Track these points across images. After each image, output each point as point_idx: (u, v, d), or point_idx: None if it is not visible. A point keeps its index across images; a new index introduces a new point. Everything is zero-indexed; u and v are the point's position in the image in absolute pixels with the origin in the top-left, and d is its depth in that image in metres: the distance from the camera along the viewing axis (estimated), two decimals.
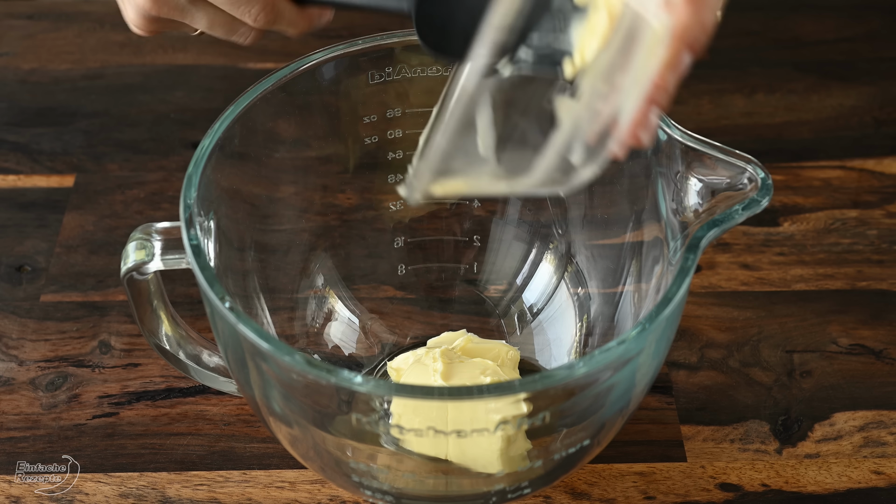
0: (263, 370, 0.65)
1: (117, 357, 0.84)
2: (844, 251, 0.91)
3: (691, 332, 0.86)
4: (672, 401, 0.82)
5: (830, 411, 0.81)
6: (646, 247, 0.75)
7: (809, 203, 0.95)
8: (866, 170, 0.97)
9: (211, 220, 0.71)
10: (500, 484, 0.70)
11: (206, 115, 0.75)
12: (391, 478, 0.71)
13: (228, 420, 0.81)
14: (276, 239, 0.81)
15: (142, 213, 0.94)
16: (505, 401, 0.65)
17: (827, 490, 0.77)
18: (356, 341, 0.83)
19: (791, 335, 0.86)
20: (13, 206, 0.95)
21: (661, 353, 0.69)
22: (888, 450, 0.79)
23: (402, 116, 0.79)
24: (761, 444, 0.79)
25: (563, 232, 0.83)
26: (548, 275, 0.83)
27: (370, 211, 0.84)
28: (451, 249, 0.85)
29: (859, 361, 0.84)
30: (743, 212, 0.67)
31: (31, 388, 0.83)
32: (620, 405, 0.69)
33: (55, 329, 0.86)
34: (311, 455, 0.71)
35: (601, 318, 0.80)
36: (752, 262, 0.90)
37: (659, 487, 0.77)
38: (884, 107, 1.03)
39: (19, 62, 1.07)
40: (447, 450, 0.71)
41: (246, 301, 0.76)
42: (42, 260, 0.91)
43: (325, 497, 0.77)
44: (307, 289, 0.82)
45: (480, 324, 0.84)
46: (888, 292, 0.88)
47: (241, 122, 0.72)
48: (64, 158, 0.98)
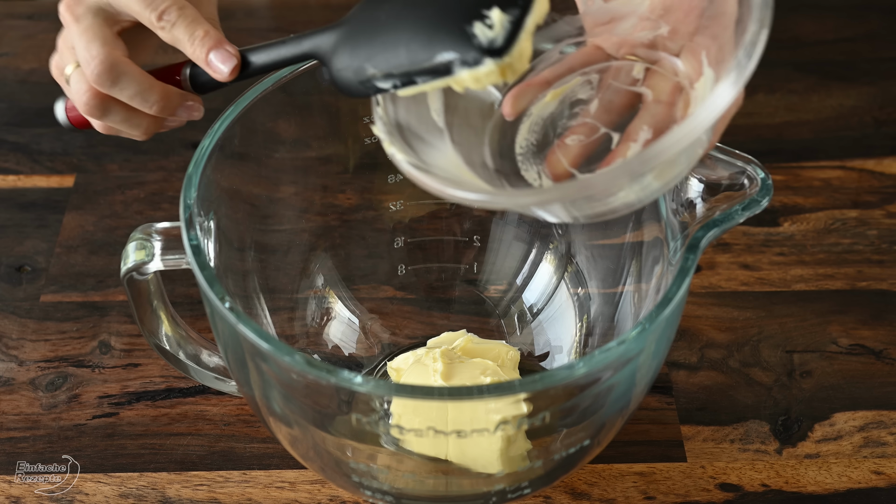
0: (263, 370, 0.65)
1: (117, 357, 0.84)
2: (844, 251, 0.91)
3: (691, 332, 0.86)
4: (672, 401, 0.82)
5: (830, 411, 0.81)
6: (646, 247, 0.75)
7: (809, 203, 0.94)
8: (866, 170, 0.97)
9: (211, 221, 0.71)
10: (500, 484, 0.70)
11: (206, 115, 0.74)
12: (391, 478, 0.71)
13: (228, 420, 0.81)
14: (276, 239, 0.81)
15: (142, 213, 0.94)
16: (505, 401, 0.65)
17: (827, 490, 0.77)
18: (356, 341, 0.83)
19: (791, 335, 0.86)
20: (13, 206, 0.95)
21: (661, 353, 0.69)
22: (888, 450, 0.79)
23: None
24: (761, 445, 0.79)
25: (563, 232, 0.83)
26: (548, 275, 0.83)
27: (370, 211, 0.84)
28: (451, 249, 0.85)
29: (859, 361, 0.84)
30: (743, 212, 0.67)
31: (31, 389, 0.83)
32: (620, 405, 0.69)
33: (55, 329, 0.86)
34: (311, 455, 0.71)
35: (601, 318, 0.80)
36: (752, 262, 0.90)
37: (659, 487, 0.77)
38: (884, 107, 1.03)
39: (19, 62, 1.07)
40: (447, 450, 0.71)
41: (246, 301, 0.76)
42: (42, 260, 0.91)
43: (325, 497, 0.77)
44: (307, 289, 0.82)
45: (480, 324, 0.84)
46: (888, 292, 0.88)
47: (241, 123, 0.72)
48: (64, 158, 0.98)
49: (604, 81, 0.67)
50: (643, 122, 0.64)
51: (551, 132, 0.67)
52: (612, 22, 0.68)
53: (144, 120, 0.71)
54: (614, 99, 0.66)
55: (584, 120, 0.66)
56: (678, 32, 0.66)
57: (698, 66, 0.64)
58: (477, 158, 0.66)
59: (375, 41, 0.63)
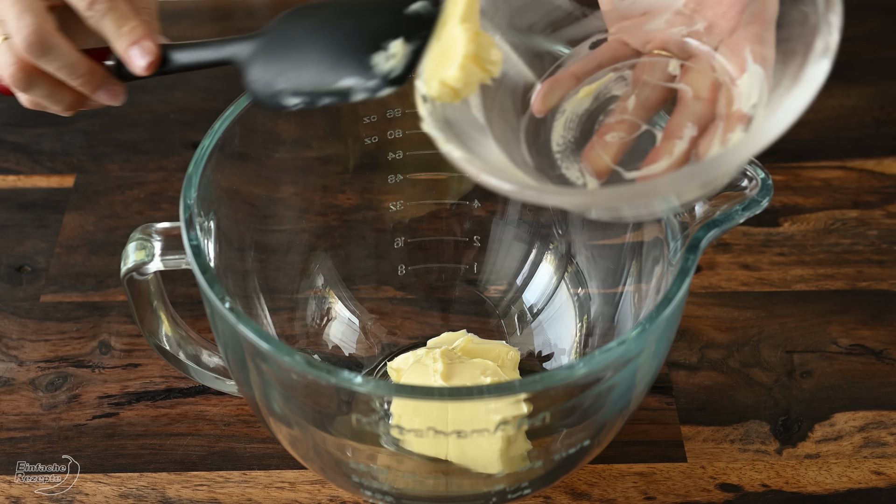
0: (263, 370, 0.65)
1: (117, 357, 0.84)
2: (844, 251, 0.91)
3: (691, 332, 0.86)
4: (672, 401, 0.82)
5: (830, 411, 0.81)
6: (646, 247, 0.75)
7: (809, 203, 0.94)
8: (866, 170, 0.97)
9: (211, 221, 0.71)
10: (501, 484, 0.70)
11: (206, 115, 0.75)
12: (391, 478, 0.71)
13: (228, 420, 0.81)
14: (276, 239, 0.81)
15: (142, 214, 0.94)
16: (505, 401, 0.65)
17: (827, 490, 0.77)
18: (356, 342, 0.83)
19: (791, 335, 0.86)
20: (13, 206, 0.95)
21: (661, 353, 0.68)
22: (888, 450, 0.79)
23: (402, 116, 0.79)
24: (761, 445, 0.79)
25: (563, 232, 0.83)
26: (548, 275, 0.83)
27: (370, 211, 0.84)
28: (451, 250, 0.85)
29: (859, 362, 0.84)
30: (743, 212, 0.67)
31: (31, 389, 0.83)
32: (620, 405, 0.69)
33: (55, 329, 0.86)
34: (312, 455, 0.71)
35: (601, 318, 0.80)
36: (752, 262, 0.90)
37: (659, 488, 0.77)
38: (884, 107, 1.03)
39: None
40: (447, 450, 0.71)
41: (246, 301, 0.76)
42: (42, 260, 0.91)
43: (325, 497, 0.77)
44: (307, 289, 0.82)
45: (480, 324, 0.84)
46: (888, 292, 0.88)
47: (241, 123, 0.72)
48: (64, 158, 0.98)
49: (637, 77, 0.67)
50: (685, 118, 0.64)
51: (588, 129, 0.67)
52: (645, 16, 0.68)
53: (68, 95, 0.71)
54: (651, 95, 0.66)
55: (622, 116, 0.66)
56: (716, 27, 0.66)
57: (741, 63, 0.64)
58: (517, 156, 0.66)
59: (286, 58, 0.65)
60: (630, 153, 0.65)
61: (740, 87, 0.64)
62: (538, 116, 0.68)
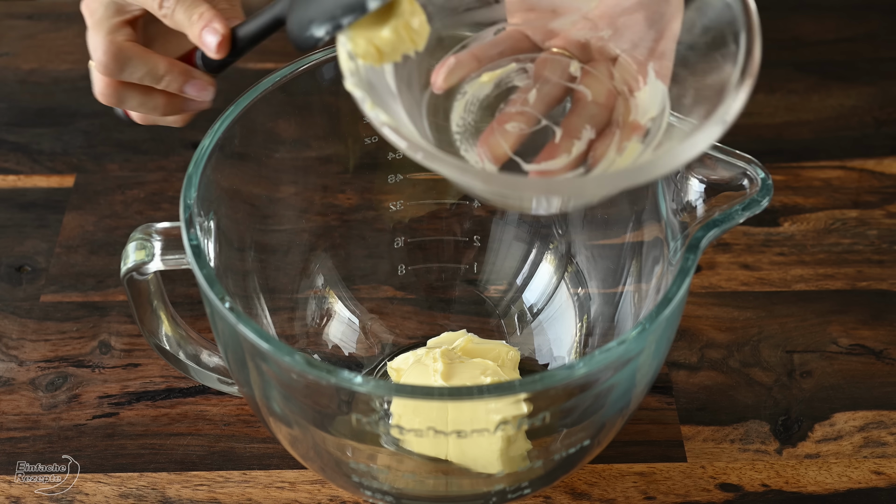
0: (263, 370, 0.65)
1: (117, 357, 0.84)
2: (844, 251, 0.91)
3: (691, 332, 0.86)
4: (672, 401, 0.82)
5: (830, 411, 0.81)
6: (646, 247, 0.75)
7: (809, 203, 0.94)
8: (866, 170, 0.97)
9: (211, 221, 0.71)
10: (501, 484, 0.70)
11: (206, 115, 0.74)
12: (391, 478, 0.71)
13: (228, 420, 0.81)
14: (276, 239, 0.81)
15: (142, 213, 0.94)
16: (505, 401, 0.65)
17: (827, 490, 0.77)
18: (356, 341, 0.83)
19: (791, 335, 0.86)
20: (13, 206, 0.95)
21: (661, 353, 0.68)
22: (888, 450, 0.79)
23: None
24: (761, 445, 0.79)
25: (563, 232, 0.83)
26: (548, 275, 0.83)
27: (370, 211, 0.84)
28: (451, 249, 0.85)
29: (859, 361, 0.84)
30: (743, 212, 0.67)
31: (31, 389, 0.83)
32: (620, 405, 0.69)
33: (55, 329, 0.86)
34: (311, 455, 0.71)
35: (601, 318, 0.80)
36: (752, 262, 0.90)
37: (659, 488, 0.77)
38: (884, 107, 1.03)
39: (19, 62, 1.07)
40: (447, 450, 0.71)
41: (246, 301, 0.76)
42: (42, 260, 0.91)
43: (325, 497, 0.77)
44: (307, 289, 0.82)
45: (480, 324, 0.84)
46: (888, 292, 0.88)
47: (241, 123, 0.72)
48: (64, 158, 0.98)
49: (538, 72, 0.69)
50: (583, 120, 0.66)
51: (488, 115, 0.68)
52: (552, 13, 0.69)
53: (160, 98, 0.73)
54: (551, 92, 0.68)
55: (522, 108, 0.67)
56: (621, 38, 0.68)
57: (643, 76, 0.66)
58: (421, 129, 0.67)
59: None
60: (525, 144, 0.66)
61: (639, 98, 0.66)
62: (437, 93, 0.68)
